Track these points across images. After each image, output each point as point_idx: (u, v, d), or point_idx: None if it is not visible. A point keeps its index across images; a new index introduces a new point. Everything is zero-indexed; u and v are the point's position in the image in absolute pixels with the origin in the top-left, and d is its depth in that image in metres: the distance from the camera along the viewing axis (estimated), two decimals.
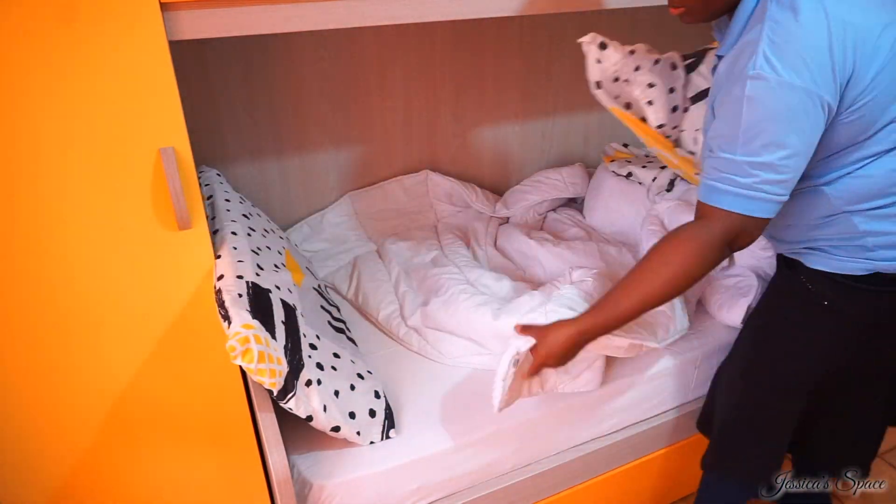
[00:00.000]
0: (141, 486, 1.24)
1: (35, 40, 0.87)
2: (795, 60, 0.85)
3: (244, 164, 1.74)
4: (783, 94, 0.86)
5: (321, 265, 1.76)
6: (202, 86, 1.60)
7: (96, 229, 1.00)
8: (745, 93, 0.88)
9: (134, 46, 0.92)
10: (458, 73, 1.91)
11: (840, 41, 0.86)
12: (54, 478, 1.16)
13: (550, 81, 2.07)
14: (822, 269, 1.04)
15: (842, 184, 0.97)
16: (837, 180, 0.97)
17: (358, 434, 1.17)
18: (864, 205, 0.97)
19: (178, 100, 0.98)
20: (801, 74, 0.85)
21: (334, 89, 1.75)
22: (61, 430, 1.12)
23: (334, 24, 1.06)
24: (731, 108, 0.91)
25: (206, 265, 1.11)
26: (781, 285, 1.16)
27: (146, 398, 1.16)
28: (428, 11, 1.13)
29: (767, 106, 0.87)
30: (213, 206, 1.37)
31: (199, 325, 1.13)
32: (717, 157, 0.94)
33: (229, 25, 0.99)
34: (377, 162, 1.92)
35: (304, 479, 1.15)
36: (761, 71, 0.86)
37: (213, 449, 1.26)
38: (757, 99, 0.87)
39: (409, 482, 1.22)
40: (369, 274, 1.69)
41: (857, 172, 0.95)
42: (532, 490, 1.35)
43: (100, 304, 1.06)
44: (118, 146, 0.97)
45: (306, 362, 1.11)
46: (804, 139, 0.90)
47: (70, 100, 0.92)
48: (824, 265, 1.04)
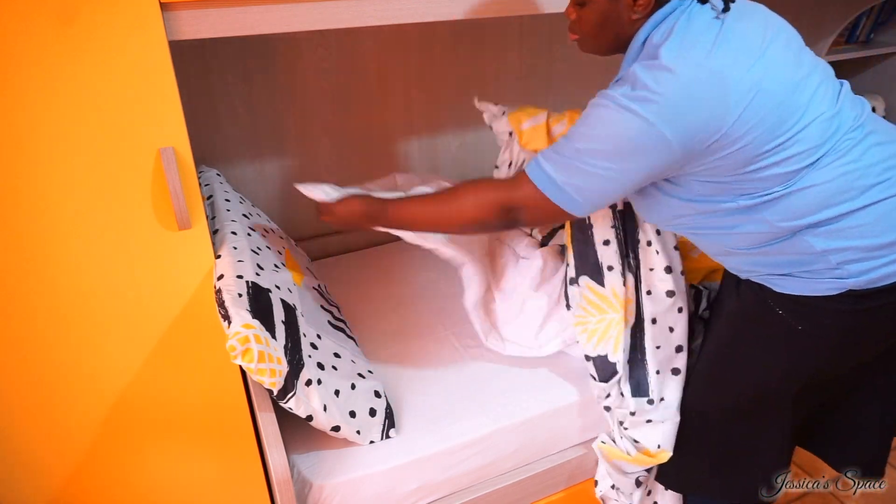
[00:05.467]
0: (141, 486, 1.24)
1: (35, 40, 0.87)
2: (656, 97, 0.88)
3: (244, 164, 1.74)
4: (633, 117, 0.89)
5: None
6: (202, 86, 1.60)
7: (96, 229, 1.00)
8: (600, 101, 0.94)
9: (134, 46, 0.92)
10: (458, 73, 1.91)
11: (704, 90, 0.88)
12: (54, 477, 1.16)
13: (550, 81, 2.07)
14: (792, 293, 1.02)
15: (777, 205, 0.95)
16: (769, 203, 0.96)
17: (358, 433, 1.17)
18: (810, 219, 0.95)
19: (178, 100, 0.98)
20: (655, 111, 0.88)
21: (334, 89, 1.75)
22: (61, 429, 1.12)
23: (334, 24, 1.06)
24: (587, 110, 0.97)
25: (206, 265, 1.11)
26: (748, 312, 1.12)
27: (146, 398, 1.16)
28: (428, 11, 1.13)
29: (618, 120, 0.91)
30: (213, 206, 1.37)
31: (199, 325, 1.13)
32: (562, 142, 0.99)
33: (229, 25, 0.99)
34: (377, 162, 1.92)
35: (304, 479, 1.15)
36: (612, 91, 0.92)
37: (213, 449, 1.26)
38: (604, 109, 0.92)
39: (409, 482, 1.22)
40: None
41: (786, 193, 0.94)
42: (532, 490, 1.35)
43: (100, 304, 1.06)
44: (118, 146, 0.97)
45: (306, 362, 1.11)
46: (629, 166, 0.93)
47: (70, 100, 0.92)
48: (793, 289, 1.01)
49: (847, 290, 0.97)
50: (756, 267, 1.05)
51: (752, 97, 0.89)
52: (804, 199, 0.94)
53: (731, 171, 0.94)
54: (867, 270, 0.96)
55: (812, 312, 1.02)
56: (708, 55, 0.89)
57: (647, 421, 1.24)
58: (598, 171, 0.94)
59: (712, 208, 1.00)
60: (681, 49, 0.90)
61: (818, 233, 0.96)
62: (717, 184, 0.96)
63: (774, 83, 0.90)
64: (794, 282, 1.01)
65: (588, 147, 0.94)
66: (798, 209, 0.95)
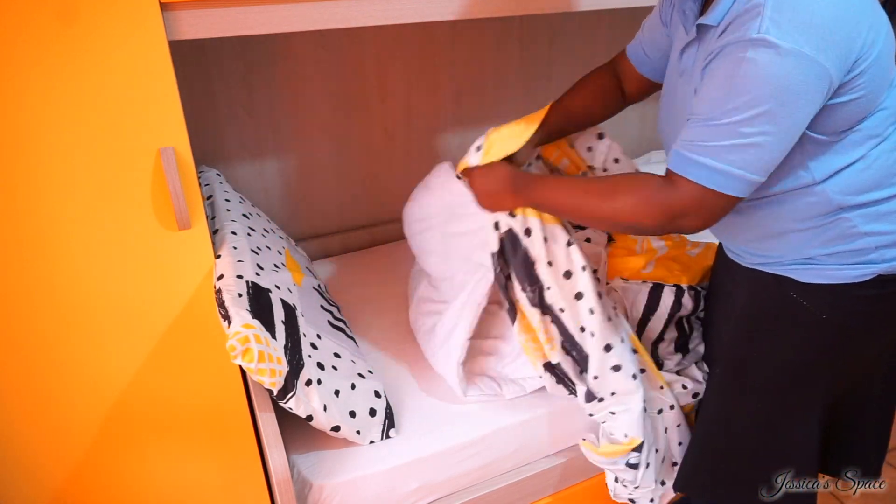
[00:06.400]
0: (141, 486, 1.24)
1: (35, 40, 0.87)
2: (804, 27, 0.79)
3: (244, 164, 1.74)
4: (786, 61, 0.79)
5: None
6: (202, 86, 1.60)
7: (96, 229, 1.00)
8: (745, 55, 0.81)
9: (134, 46, 0.92)
10: (458, 73, 1.91)
11: (853, 14, 0.81)
12: (54, 478, 1.16)
13: (550, 81, 2.07)
14: (817, 282, 1.00)
15: (844, 175, 0.93)
16: (832, 176, 0.93)
17: (358, 433, 1.17)
18: (862, 198, 0.93)
19: (178, 100, 0.98)
20: (809, 42, 0.79)
21: (334, 89, 1.75)
22: (61, 429, 1.12)
23: (334, 24, 1.06)
24: (725, 71, 0.84)
25: (205, 265, 1.11)
26: (766, 308, 1.08)
27: (146, 398, 1.16)
28: (429, 11, 1.13)
29: (767, 72, 0.80)
30: (212, 206, 1.37)
31: (199, 324, 1.13)
32: (694, 125, 0.89)
33: (229, 25, 0.99)
34: (377, 162, 1.92)
35: (304, 479, 1.15)
36: (766, 35, 0.79)
37: (213, 449, 1.26)
38: (756, 63, 0.80)
39: (409, 482, 1.22)
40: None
41: (851, 165, 0.92)
42: (532, 490, 1.35)
43: (100, 304, 1.06)
44: (118, 146, 0.97)
45: (306, 362, 1.11)
46: (795, 116, 0.84)
47: (70, 100, 0.92)
48: (819, 277, 0.99)
49: (876, 276, 0.97)
50: (785, 250, 1.02)
51: (885, 34, 0.85)
52: (868, 173, 0.92)
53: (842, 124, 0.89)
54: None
55: (838, 301, 1.00)
56: None
57: (611, 413, 1.22)
58: (766, 137, 0.84)
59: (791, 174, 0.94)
60: None
61: (864, 213, 0.94)
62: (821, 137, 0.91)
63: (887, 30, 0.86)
64: (820, 270, 0.99)
65: (746, 116, 0.83)
66: (860, 184, 0.93)
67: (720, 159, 0.86)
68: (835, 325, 1.02)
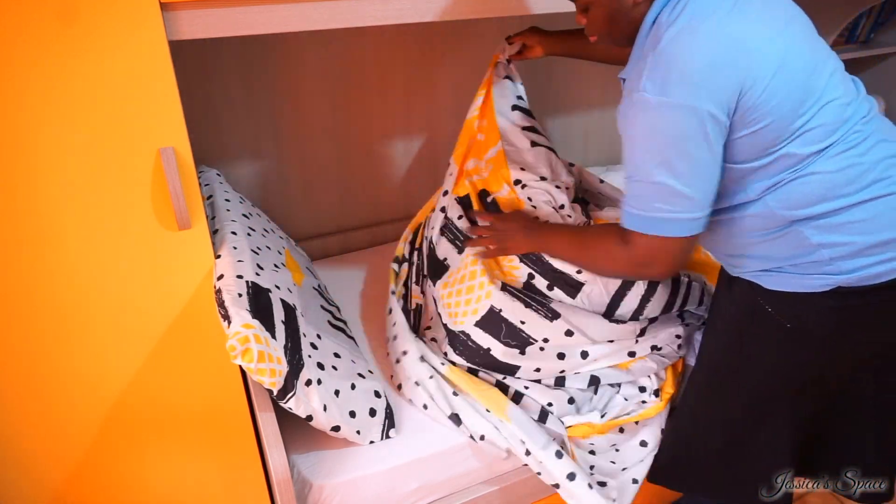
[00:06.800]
0: (141, 486, 1.24)
1: (35, 40, 0.87)
2: (676, 80, 0.87)
3: (244, 164, 1.74)
4: (664, 113, 0.89)
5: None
6: (202, 86, 1.60)
7: (96, 229, 1.00)
8: (634, 113, 0.92)
9: (134, 46, 0.92)
10: (457, 73, 1.91)
11: (728, 59, 0.88)
12: (54, 478, 1.16)
13: (550, 81, 2.07)
14: (781, 290, 1.02)
15: (781, 191, 0.96)
16: (775, 188, 0.96)
17: (358, 433, 1.17)
18: (809, 210, 0.95)
19: (178, 100, 0.98)
20: (681, 92, 0.87)
21: (334, 89, 1.75)
22: (61, 429, 1.12)
23: (334, 24, 1.06)
24: (625, 132, 0.95)
25: (205, 265, 1.11)
26: (741, 313, 1.12)
27: (146, 398, 1.16)
28: (429, 11, 1.13)
29: (651, 126, 0.90)
30: (212, 206, 1.37)
31: (199, 324, 1.13)
32: (629, 183, 0.98)
33: (229, 25, 0.99)
34: (377, 162, 1.92)
35: (304, 479, 1.15)
36: (643, 93, 0.89)
37: (212, 449, 1.26)
38: (643, 120, 0.91)
39: (409, 482, 1.22)
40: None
41: (793, 179, 0.94)
42: (532, 490, 1.34)
43: (100, 304, 1.06)
44: (118, 146, 0.97)
45: (306, 362, 1.11)
46: (695, 156, 0.91)
47: (70, 100, 0.92)
48: (783, 285, 1.01)
49: (836, 287, 0.97)
50: (752, 261, 1.05)
51: (776, 69, 0.88)
52: (808, 188, 0.94)
53: (754, 152, 0.94)
54: (859, 268, 0.96)
55: (800, 309, 1.02)
56: (726, 22, 0.88)
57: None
58: (679, 180, 0.92)
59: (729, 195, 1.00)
60: (693, 20, 0.89)
61: (815, 225, 0.96)
62: (741, 166, 0.96)
63: (797, 59, 0.90)
64: (785, 278, 1.01)
65: (653, 167, 0.92)
66: (800, 198, 0.95)
67: (653, 209, 0.95)
68: (799, 332, 1.04)
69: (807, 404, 1.15)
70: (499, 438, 1.21)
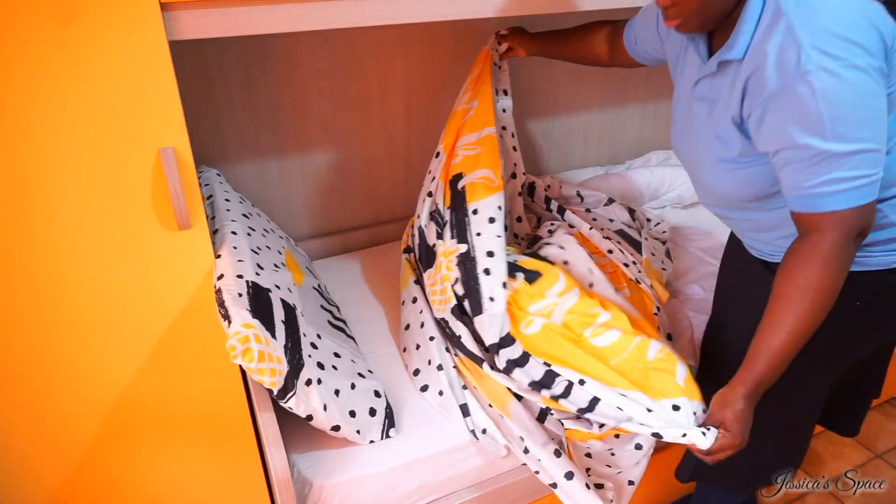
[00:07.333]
0: (141, 486, 1.24)
1: (35, 40, 0.87)
2: (842, 41, 0.84)
3: (244, 164, 1.74)
4: (850, 76, 0.84)
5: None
6: (202, 86, 1.60)
7: (96, 229, 1.00)
8: (813, 89, 0.85)
9: (134, 46, 0.92)
10: (458, 73, 1.90)
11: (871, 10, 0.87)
12: (54, 478, 1.16)
13: (551, 81, 2.07)
14: (854, 269, 0.98)
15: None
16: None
17: (358, 433, 1.17)
18: (891, 191, 0.96)
19: (178, 100, 0.98)
20: (854, 52, 0.84)
21: (334, 89, 1.75)
22: (61, 429, 1.12)
23: (334, 24, 1.07)
24: (802, 109, 0.87)
25: (206, 265, 1.11)
26: None
27: (146, 398, 1.16)
28: (429, 11, 1.13)
29: (842, 93, 0.85)
30: (212, 206, 1.37)
31: (199, 324, 1.14)
32: (805, 163, 0.90)
33: (229, 25, 0.99)
34: (377, 163, 1.92)
35: (304, 479, 1.15)
36: (820, 62, 0.84)
37: (213, 449, 1.26)
38: (829, 90, 0.84)
39: (409, 482, 1.22)
40: None
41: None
42: (532, 490, 1.35)
43: (100, 304, 1.06)
44: (118, 146, 0.97)
45: (306, 361, 1.11)
46: (881, 109, 0.88)
47: (70, 100, 0.92)
48: (856, 265, 1.00)
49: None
50: None
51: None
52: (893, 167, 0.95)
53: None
54: None
55: (871, 286, 1.04)
56: None
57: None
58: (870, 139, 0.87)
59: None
60: None
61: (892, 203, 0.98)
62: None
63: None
64: (860, 258, 1.01)
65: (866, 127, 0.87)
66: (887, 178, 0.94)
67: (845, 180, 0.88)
68: (869, 309, 1.05)
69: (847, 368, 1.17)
70: (499, 433, 1.23)
